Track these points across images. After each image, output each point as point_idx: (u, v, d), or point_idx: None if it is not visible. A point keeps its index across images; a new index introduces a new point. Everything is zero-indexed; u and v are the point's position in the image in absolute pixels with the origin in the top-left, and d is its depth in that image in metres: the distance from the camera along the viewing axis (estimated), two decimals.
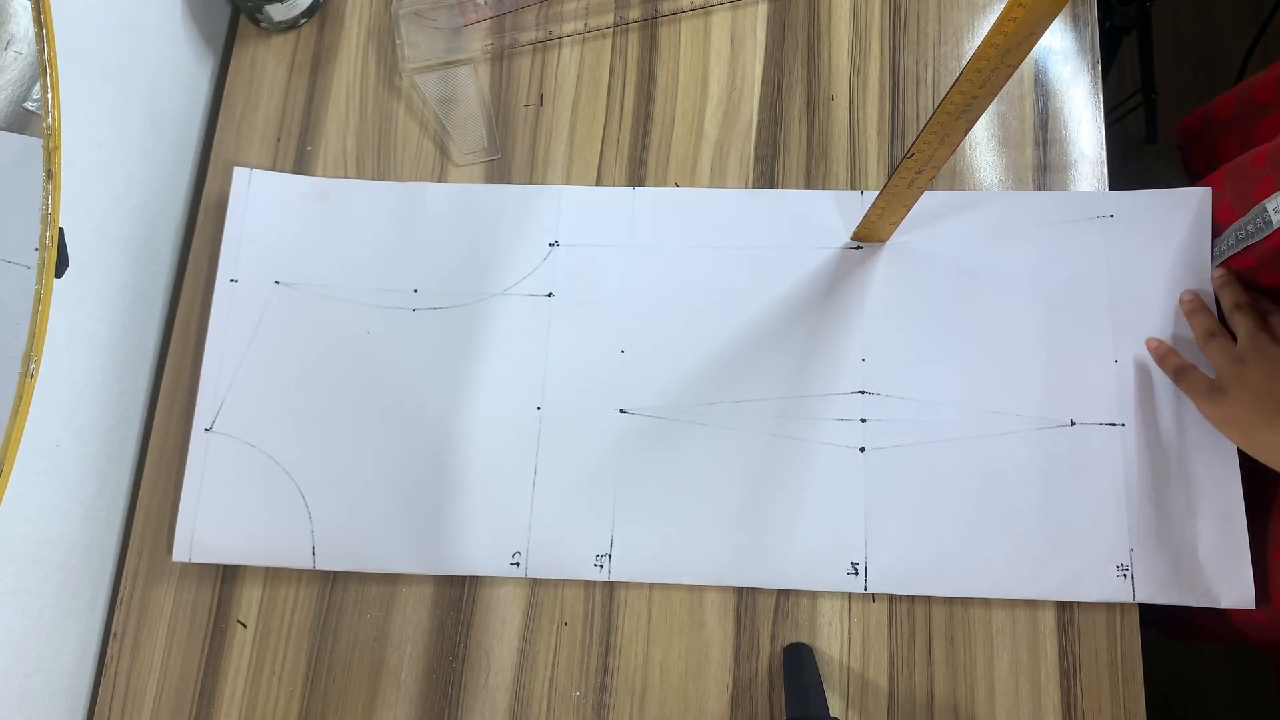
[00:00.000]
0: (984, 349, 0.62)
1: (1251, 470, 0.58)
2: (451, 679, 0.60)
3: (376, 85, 0.72)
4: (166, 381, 0.66)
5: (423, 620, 0.61)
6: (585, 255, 0.66)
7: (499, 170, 0.69)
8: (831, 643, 0.59)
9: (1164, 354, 0.61)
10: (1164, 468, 0.59)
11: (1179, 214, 0.63)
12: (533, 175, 0.69)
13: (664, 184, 0.68)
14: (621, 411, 0.63)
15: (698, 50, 0.71)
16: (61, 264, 0.51)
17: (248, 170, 0.68)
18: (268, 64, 0.72)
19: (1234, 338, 0.58)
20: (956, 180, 0.67)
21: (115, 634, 0.61)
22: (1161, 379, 0.61)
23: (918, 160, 0.54)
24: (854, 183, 0.67)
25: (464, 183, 0.69)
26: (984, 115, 0.68)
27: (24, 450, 0.48)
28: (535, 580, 0.61)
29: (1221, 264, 0.61)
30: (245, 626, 0.61)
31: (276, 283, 0.66)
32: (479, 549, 0.61)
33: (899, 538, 0.59)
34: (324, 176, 0.69)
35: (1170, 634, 0.61)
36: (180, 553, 0.62)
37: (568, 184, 0.68)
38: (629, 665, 0.59)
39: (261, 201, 0.68)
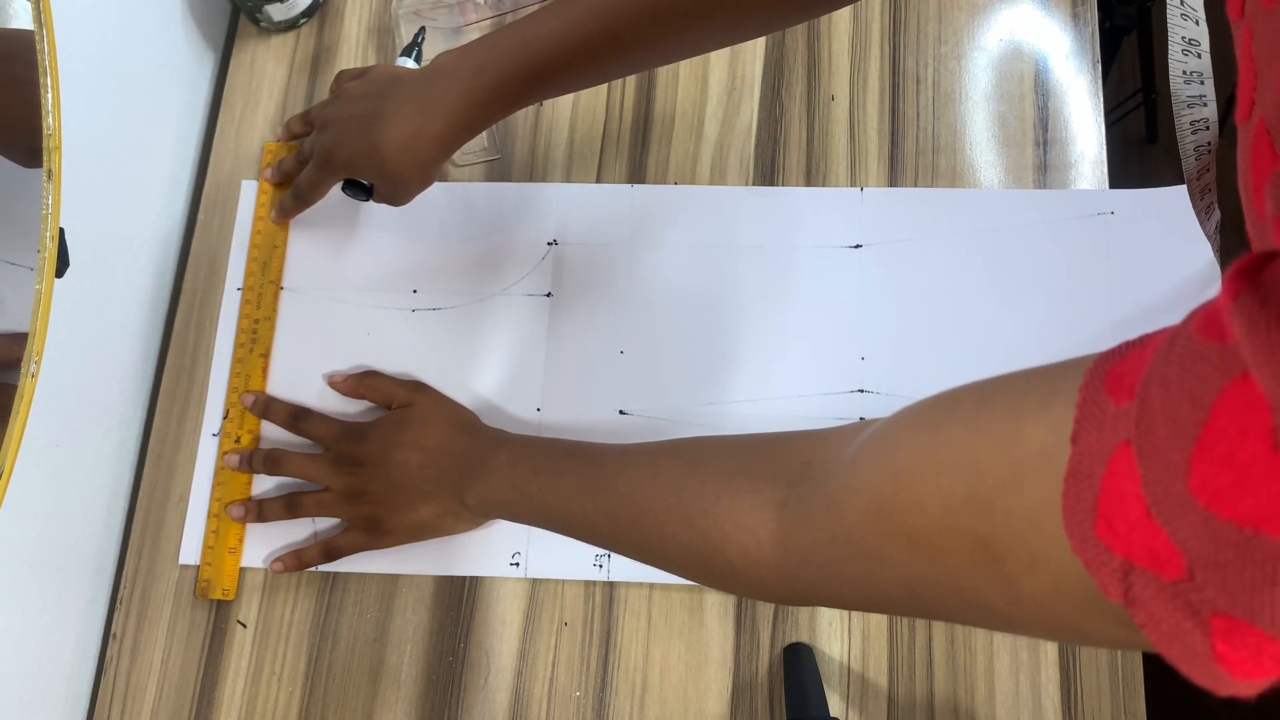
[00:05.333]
0: (983, 347, 0.62)
1: None
2: (451, 679, 0.60)
3: None
4: (166, 381, 0.66)
5: (423, 620, 0.61)
6: (584, 254, 0.66)
7: (499, 170, 0.69)
8: (831, 643, 0.59)
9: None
10: None
11: (1179, 211, 0.63)
12: (533, 175, 0.69)
13: (664, 184, 0.68)
14: (621, 413, 0.63)
15: None
16: (62, 264, 0.51)
17: (254, 182, 0.69)
18: (268, 64, 0.72)
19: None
20: (956, 179, 0.67)
21: (115, 634, 0.61)
22: None
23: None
24: (854, 182, 0.67)
25: (464, 182, 0.69)
26: (984, 115, 0.68)
27: (24, 450, 0.48)
28: (535, 580, 0.61)
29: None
30: (245, 626, 0.61)
31: (281, 288, 0.66)
32: (479, 549, 0.61)
33: None
34: None
35: None
36: (188, 556, 0.62)
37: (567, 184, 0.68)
38: (629, 665, 0.59)
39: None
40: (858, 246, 0.65)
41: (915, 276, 0.64)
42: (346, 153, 0.57)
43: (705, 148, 0.69)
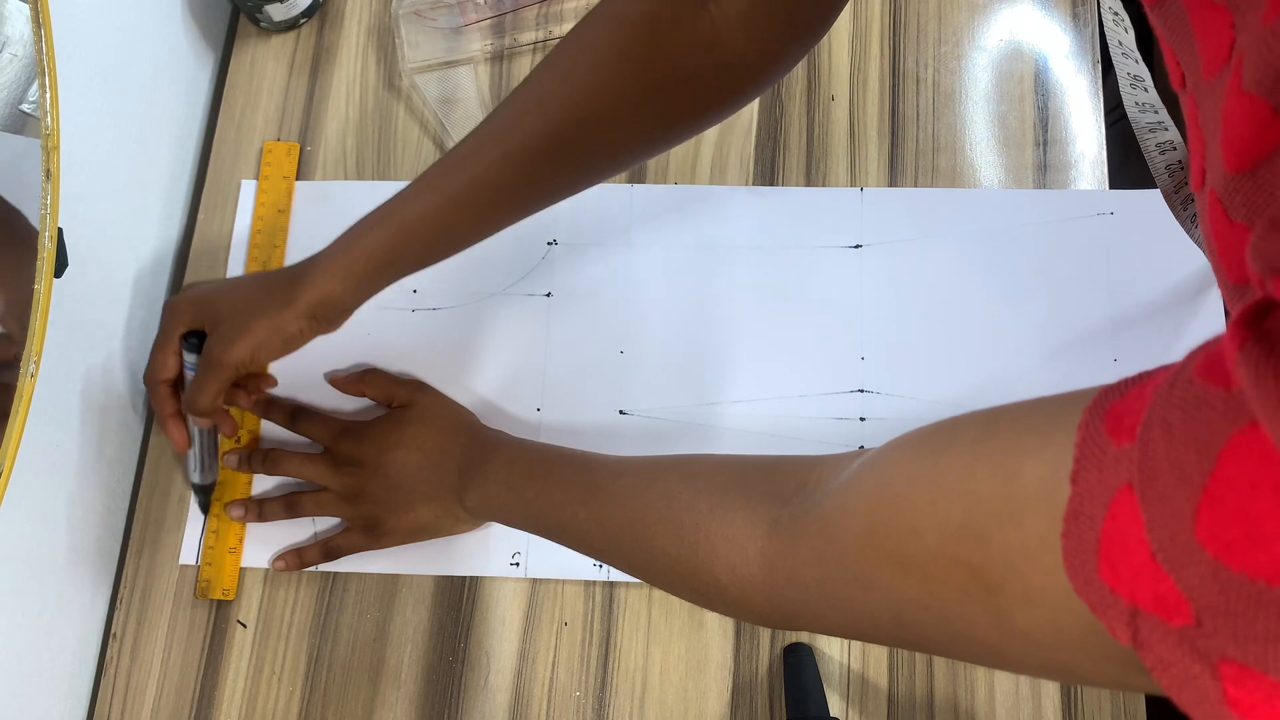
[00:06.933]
0: (983, 347, 0.62)
1: None
2: (451, 679, 0.60)
3: (376, 85, 0.72)
4: None
5: (423, 620, 0.61)
6: (584, 254, 0.66)
7: None
8: (831, 643, 0.59)
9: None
10: None
11: None
12: None
13: (664, 183, 0.68)
14: (621, 413, 0.63)
15: None
16: (61, 264, 0.51)
17: (254, 182, 0.69)
18: (268, 64, 0.72)
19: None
20: (957, 179, 0.67)
21: (115, 634, 0.61)
22: None
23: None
24: (854, 182, 0.67)
25: None
26: (984, 115, 0.68)
27: (24, 450, 0.48)
28: (535, 580, 0.61)
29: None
30: (245, 626, 0.61)
31: None
32: (479, 549, 0.61)
33: None
34: (324, 177, 0.69)
35: None
36: (188, 556, 0.62)
37: None
38: (629, 665, 0.59)
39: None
40: (858, 246, 0.65)
41: (915, 276, 0.64)
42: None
43: (705, 148, 0.69)
